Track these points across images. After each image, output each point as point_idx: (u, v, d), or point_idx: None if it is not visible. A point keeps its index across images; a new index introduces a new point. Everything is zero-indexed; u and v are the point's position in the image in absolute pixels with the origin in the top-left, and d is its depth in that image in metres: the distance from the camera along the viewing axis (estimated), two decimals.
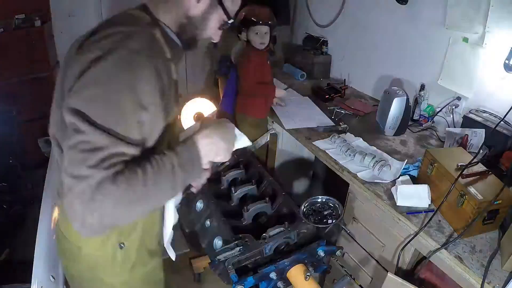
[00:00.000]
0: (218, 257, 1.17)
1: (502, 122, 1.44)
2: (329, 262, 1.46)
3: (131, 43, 0.77)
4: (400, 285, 1.25)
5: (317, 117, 2.13)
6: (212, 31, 0.96)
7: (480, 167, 1.32)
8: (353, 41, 2.55)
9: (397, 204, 1.39)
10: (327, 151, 1.75)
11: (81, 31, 0.93)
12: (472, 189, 1.20)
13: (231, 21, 0.95)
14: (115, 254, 0.97)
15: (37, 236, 1.39)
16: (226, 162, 1.78)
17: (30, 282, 1.25)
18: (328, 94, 2.37)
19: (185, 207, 1.66)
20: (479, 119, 1.71)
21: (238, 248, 1.17)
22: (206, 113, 2.54)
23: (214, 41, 1.01)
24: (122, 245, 0.97)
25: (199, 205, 1.55)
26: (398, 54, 2.21)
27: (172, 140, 0.97)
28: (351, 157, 1.67)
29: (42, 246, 1.37)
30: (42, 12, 2.92)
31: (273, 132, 2.22)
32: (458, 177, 1.24)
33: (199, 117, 2.59)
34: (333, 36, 2.71)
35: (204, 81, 3.05)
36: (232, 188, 1.51)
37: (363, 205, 1.58)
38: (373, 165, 1.58)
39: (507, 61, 1.58)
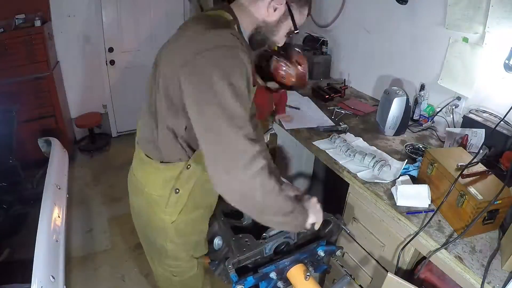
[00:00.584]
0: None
1: (502, 122, 1.44)
2: (329, 262, 1.46)
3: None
4: (400, 285, 1.25)
5: (317, 117, 2.13)
6: (281, 37, 1.14)
7: (480, 167, 1.32)
8: (353, 41, 2.55)
9: (397, 204, 1.39)
10: (327, 151, 1.75)
11: (81, 31, 0.96)
12: (472, 189, 1.20)
13: (297, 31, 1.13)
14: (170, 197, 1.15)
15: (37, 236, 1.40)
16: None
17: (30, 282, 1.25)
18: (328, 94, 2.37)
19: None
20: (479, 119, 1.71)
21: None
22: None
23: (279, 45, 1.19)
24: (177, 190, 1.15)
25: None
26: (398, 54, 2.21)
27: None
28: (351, 157, 1.67)
29: (42, 246, 1.38)
30: (42, 12, 2.92)
31: (273, 132, 2.22)
32: (458, 177, 1.24)
33: None
34: (333, 36, 2.71)
35: None
36: None
37: (363, 205, 1.58)
38: (373, 165, 1.58)
39: (507, 61, 1.58)
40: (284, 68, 1.69)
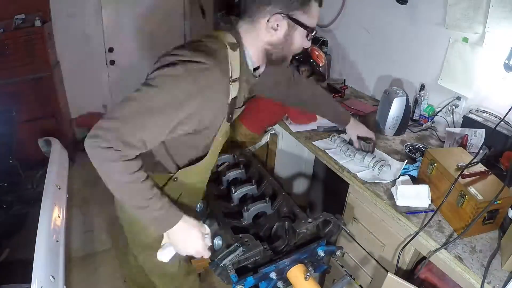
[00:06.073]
0: (223, 262, 1.16)
1: (502, 122, 1.44)
2: (329, 262, 1.46)
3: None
4: (400, 285, 1.25)
5: (317, 117, 2.13)
6: (298, 45, 1.09)
7: (480, 167, 1.32)
8: (353, 41, 2.55)
9: (397, 204, 1.39)
10: (327, 151, 1.75)
11: (81, 31, 0.96)
12: (472, 189, 1.20)
13: (314, 32, 1.08)
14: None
15: (37, 236, 1.39)
16: (225, 162, 1.79)
17: (30, 282, 1.25)
18: None
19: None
20: (479, 119, 1.71)
21: (241, 248, 1.17)
22: None
23: (306, 47, 1.12)
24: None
25: (199, 205, 1.55)
26: (398, 54, 2.21)
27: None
28: (351, 157, 1.67)
29: (42, 246, 1.37)
30: (42, 12, 2.91)
31: (273, 132, 2.22)
32: (458, 177, 1.24)
33: None
34: (333, 36, 2.71)
35: None
36: (232, 188, 1.51)
37: (363, 205, 1.58)
38: (373, 165, 1.58)
39: (507, 61, 1.58)
40: (316, 53, 2.36)
